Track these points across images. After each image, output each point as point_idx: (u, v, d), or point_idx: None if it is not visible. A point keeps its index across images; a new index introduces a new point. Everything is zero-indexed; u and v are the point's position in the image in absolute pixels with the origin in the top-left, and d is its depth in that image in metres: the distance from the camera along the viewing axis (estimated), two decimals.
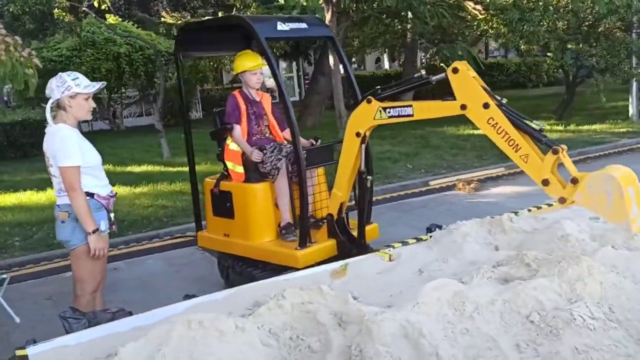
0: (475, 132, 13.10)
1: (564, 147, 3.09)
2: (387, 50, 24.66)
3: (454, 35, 15.24)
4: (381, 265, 3.51)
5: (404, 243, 3.80)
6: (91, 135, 18.15)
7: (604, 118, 13.89)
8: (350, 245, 4.30)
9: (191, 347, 2.46)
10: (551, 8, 12.42)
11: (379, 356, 2.50)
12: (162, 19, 18.83)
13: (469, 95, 3.21)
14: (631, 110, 13.73)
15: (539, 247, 3.36)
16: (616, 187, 2.83)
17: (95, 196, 3.57)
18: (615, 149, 10.53)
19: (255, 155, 4.45)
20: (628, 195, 2.82)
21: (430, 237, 3.84)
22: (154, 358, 2.41)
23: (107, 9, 15.64)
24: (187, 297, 3.25)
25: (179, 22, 18.32)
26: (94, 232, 3.47)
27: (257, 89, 4.60)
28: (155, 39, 18.48)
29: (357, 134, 3.86)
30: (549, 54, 14.79)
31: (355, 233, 4.50)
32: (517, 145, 3.11)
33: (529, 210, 4.13)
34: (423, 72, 3.48)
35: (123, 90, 20.75)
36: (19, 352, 2.56)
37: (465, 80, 3.23)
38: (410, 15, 13.27)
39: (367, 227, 4.53)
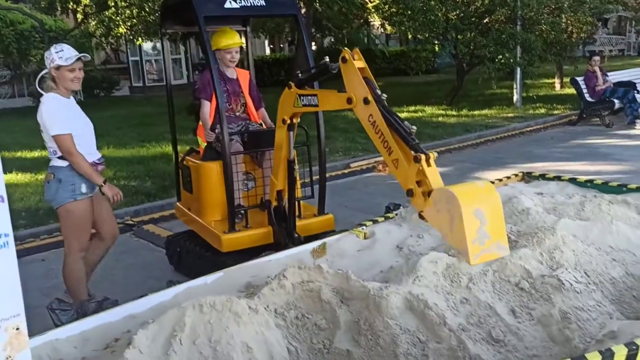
0: None
1: (433, 154, 2.60)
2: (267, 34, 23.96)
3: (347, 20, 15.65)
4: (359, 243, 3.60)
5: (374, 222, 3.91)
6: None
7: (490, 104, 14.92)
8: (284, 235, 4.05)
9: (208, 331, 2.40)
10: None
11: (389, 329, 2.59)
12: None
13: (354, 88, 2.90)
14: (515, 97, 14.88)
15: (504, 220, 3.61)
16: (456, 208, 2.30)
17: None
18: (508, 132, 11.39)
19: (207, 135, 4.35)
20: (471, 218, 2.30)
21: (396, 214, 3.98)
22: (172, 344, 2.33)
23: None
24: (171, 283, 3.14)
25: None
26: (104, 183, 3.75)
27: (234, 67, 4.46)
28: (35, 14, 17.12)
29: (283, 121, 3.64)
30: (435, 42, 15.63)
31: (310, 221, 4.28)
32: (390, 148, 2.70)
33: None
34: (327, 58, 3.16)
35: None
36: None
37: (351, 71, 2.90)
38: None
39: (321, 218, 4.35)
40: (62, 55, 3.65)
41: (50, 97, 3.71)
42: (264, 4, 4.17)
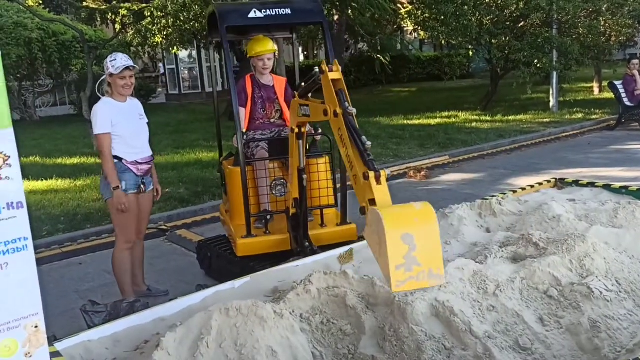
0: (409, 122, 13.53)
1: (384, 172, 2.45)
2: (301, 41, 24.30)
3: (380, 27, 15.65)
4: None
5: None
6: None
7: (525, 109, 14.69)
8: (297, 244, 3.97)
9: (234, 335, 2.44)
10: (483, 3, 13.03)
11: (414, 335, 2.59)
12: (84, 4, 17.90)
13: (327, 100, 2.83)
14: (552, 102, 14.62)
15: (534, 227, 3.57)
16: (382, 231, 2.11)
17: (123, 160, 4.03)
18: (543, 138, 11.19)
19: (234, 140, 4.42)
20: (397, 243, 2.09)
21: None
22: (198, 347, 2.38)
23: None
24: (200, 287, 3.20)
25: (103, 7, 17.56)
26: (115, 188, 3.96)
27: (268, 73, 4.50)
28: (76, 25, 17.60)
29: (292, 130, 3.64)
30: (469, 46, 15.47)
31: (327, 231, 4.17)
32: (351, 163, 2.58)
33: (515, 192, 4.34)
34: (317, 68, 2.98)
35: (36, 79, 19.61)
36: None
37: (325, 84, 2.83)
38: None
39: (342, 228, 4.20)
40: (114, 64, 3.97)
41: (102, 101, 4.05)
42: (290, 12, 4.22)
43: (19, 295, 1.70)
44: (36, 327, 1.73)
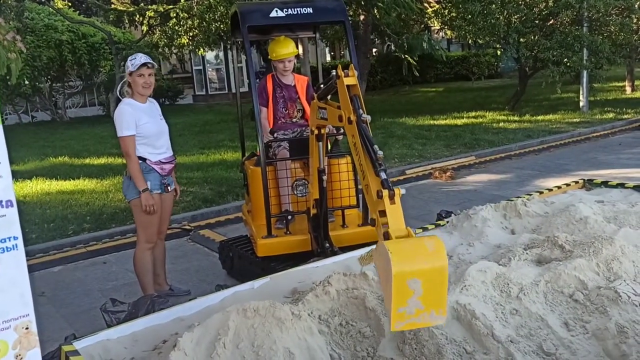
0: (435, 122, 13.40)
1: (398, 190, 2.30)
2: (327, 41, 24.11)
3: (407, 26, 15.51)
4: None
5: (424, 229, 3.85)
6: (33, 127, 17.37)
7: (554, 109, 14.42)
8: (317, 245, 3.94)
9: (251, 336, 2.42)
10: (511, 1, 12.83)
11: (434, 338, 2.53)
12: (113, 6, 18.18)
13: (343, 106, 2.77)
14: (582, 101, 14.33)
15: (560, 229, 3.48)
16: (389, 272, 2.04)
17: (147, 161, 4.05)
18: (573, 138, 10.97)
19: (262, 139, 4.41)
20: (403, 287, 2.03)
21: (447, 222, 3.90)
22: (215, 348, 2.36)
23: None
24: (219, 287, 3.19)
25: (131, 9, 17.81)
26: (143, 190, 3.98)
27: (292, 73, 4.49)
28: (105, 27, 17.90)
29: (311, 131, 3.62)
30: (497, 45, 15.24)
31: (348, 231, 4.14)
32: (364, 172, 2.53)
33: (541, 193, 4.25)
34: (334, 71, 2.92)
35: (66, 80, 19.97)
36: (66, 348, 2.44)
37: (340, 89, 2.79)
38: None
39: (363, 229, 4.12)
40: (133, 62, 4.00)
41: (124, 102, 4.05)
42: (311, 11, 4.19)
43: (8, 296, 1.67)
44: (27, 328, 1.71)
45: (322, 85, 3.32)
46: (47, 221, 6.49)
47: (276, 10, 4.20)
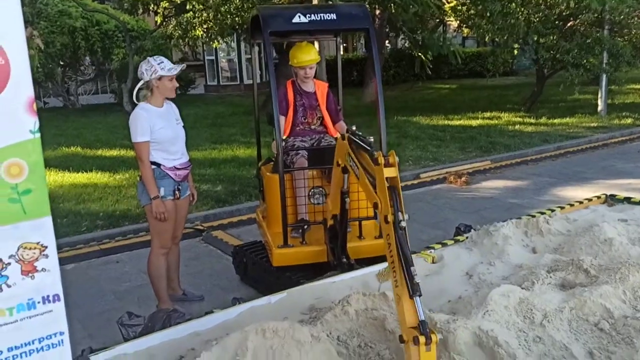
0: (449, 122, 13.28)
1: (435, 336, 2.21)
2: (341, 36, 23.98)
3: (422, 22, 15.33)
4: (426, 268, 3.49)
5: (443, 244, 3.79)
6: (45, 113, 17.11)
7: (571, 112, 14.23)
8: (334, 257, 3.86)
9: (269, 357, 2.38)
10: (532, 1, 12.65)
11: None
12: None
13: (380, 196, 2.58)
14: (600, 105, 14.12)
15: (583, 250, 3.41)
16: None
17: (161, 166, 4.00)
18: (590, 144, 10.80)
19: (273, 146, 4.35)
20: None
21: (467, 238, 3.84)
22: None
23: None
24: (236, 300, 3.15)
25: None
26: (154, 198, 3.94)
27: (309, 81, 4.42)
28: (119, 15, 17.85)
29: (337, 163, 3.45)
30: (515, 45, 15.05)
31: (365, 243, 4.05)
32: (397, 280, 2.41)
33: (562, 208, 4.17)
34: (371, 138, 2.90)
35: (79, 66, 19.99)
36: None
37: (379, 178, 2.63)
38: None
39: (379, 241, 3.81)
40: (163, 66, 3.92)
41: (139, 107, 3.98)
42: (335, 18, 4.10)
43: None
44: None
45: (354, 128, 3.25)
46: (60, 216, 6.48)
47: (299, 16, 4.10)
